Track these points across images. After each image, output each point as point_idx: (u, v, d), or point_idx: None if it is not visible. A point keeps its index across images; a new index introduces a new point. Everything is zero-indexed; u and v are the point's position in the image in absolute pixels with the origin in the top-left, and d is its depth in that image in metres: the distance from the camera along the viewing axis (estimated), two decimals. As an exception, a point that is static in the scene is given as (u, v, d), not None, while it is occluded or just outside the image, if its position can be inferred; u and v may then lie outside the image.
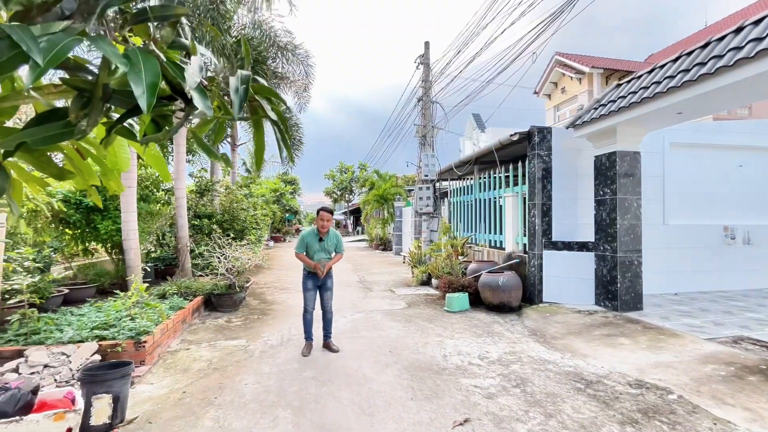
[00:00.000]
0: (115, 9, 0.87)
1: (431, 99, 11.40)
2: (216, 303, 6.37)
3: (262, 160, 1.22)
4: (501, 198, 7.69)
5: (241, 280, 6.69)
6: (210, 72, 1.05)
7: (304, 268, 4.49)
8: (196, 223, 9.03)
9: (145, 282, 5.70)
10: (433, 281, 8.17)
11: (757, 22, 3.69)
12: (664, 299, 6.36)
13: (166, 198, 8.64)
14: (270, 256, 14.74)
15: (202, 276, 7.58)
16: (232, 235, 8.57)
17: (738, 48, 3.71)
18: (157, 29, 0.92)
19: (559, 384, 3.45)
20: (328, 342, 4.50)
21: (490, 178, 8.20)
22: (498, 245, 7.87)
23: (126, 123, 1.10)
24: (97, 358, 3.67)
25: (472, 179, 9.54)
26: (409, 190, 17.64)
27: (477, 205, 8.94)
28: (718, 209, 7.18)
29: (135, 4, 0.91)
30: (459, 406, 3.09)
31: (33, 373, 3.36)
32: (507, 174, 7.53)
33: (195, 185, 10.36)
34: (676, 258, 6.86)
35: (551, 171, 6.44)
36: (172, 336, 4.73)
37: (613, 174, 5.73)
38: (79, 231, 6.84)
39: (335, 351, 4.38)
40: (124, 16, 0.90)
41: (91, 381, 2.76)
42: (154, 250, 8.63)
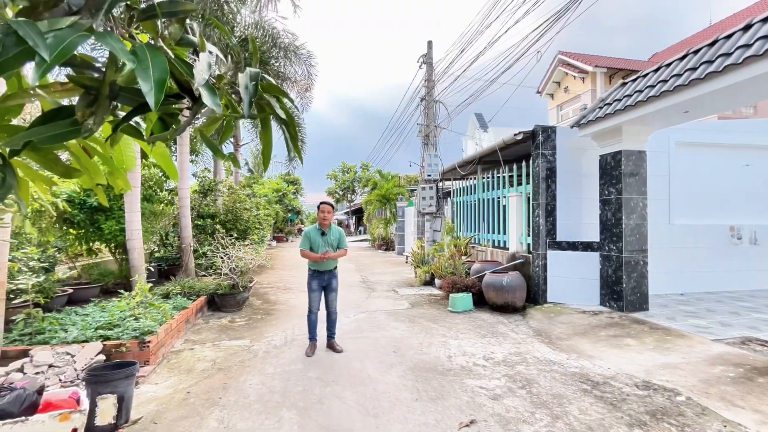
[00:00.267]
0: (122, 5, 0.85)
1: (434, 98, 11.37)
2: (219, 303, 6.37)
3: (269, 159, 1.21)
4: (504, 198, 7.65)
5: (244, 280, 6.69)
6: (217, 70, 1.04)
7: (309, 269, 4.45)
8: (199, 223, 9.04)
9: (148, 282, 5.70)
10: (437, 281, 8.14)
11: (766, 19, 3.65)
12: (669, 299, 6.31)
13: (170, 198, 8.65)
14: (273, 256, 14.75)
15: (205, 276, 7.59)
16: (235, 235, 8.57)
17: (747, 45, 3.67)
18: (165, 26, 0.91)
19: (566, 385, 3.42)
20: (332, 342, 4.49)
21: (493, 177, 8.16)
22: (501, 245, 7.84)
23: (132, 121, 1.08)
24: (102, 358, 3.67)
25: (475, 179, 9.50)
26: (412, 190, 17.61)
27: (480, 205, 8.90)
28: (725, 209, 7.12)
29: (143, 1, 0.90)
30: (464, 407, 3.07)
31: (38, 373, 3.36)
32: (510, 174, 7.49)
33: (198, 185, 10.38)
34: (682, 258, 6.81)
35: (555, 170, 6.40)
36: (176, 336, 4.73)
37: (618, 173, 5.68)
38: (83, 231, 6.86)
39: (339, 351, 4.36)
40: (132, 13, 0.89)
41: (96, 381, 2.76)
42: (157, 250, 8.64)
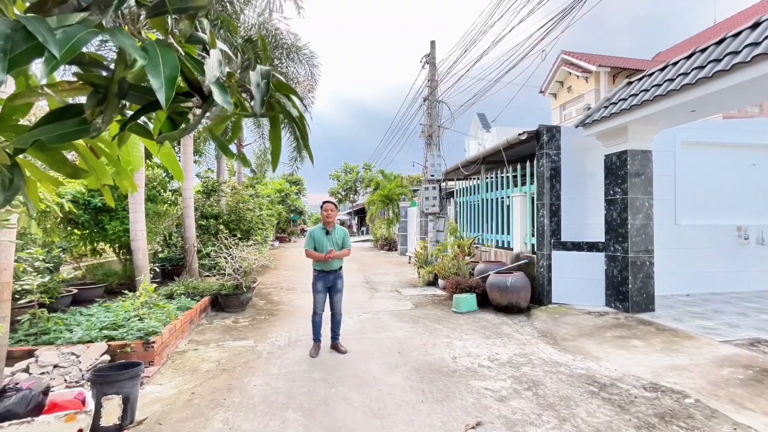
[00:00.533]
0: (132, 1, 0.84)
1: (437, 98, 11.34)
2: (223, 303, 6.37)
3: (278, 159, 1.19)
4: (508, 198, 7.62)
5: (248, 280, 6.69)
6: (227, 68, 1.02)
7: (314, 269, 4.42)
8: (203, 223, 9.05)
9: (152, 282, 5.71)
10: (440, 282, 8.11)
11: (775, 17, 3.61)
12: (675, 300, 6.26)
13: (173, 198, 8.66)
14: (275, 257, 14.76)
15: (209, 276, 7.60)
16: (238, 235, 8.58)
17: (755, 44, 3.63)
18: (175, 23, 0.90)
19: (572, 387, 3.39)
20: (336, 343, 4.47)
21: (497, 177, 8.13)
22: (505, 246, 7.80)
23: (140, 121, 1.07)
24: (107, 358, 3.67)
25: (478, 179, 9.46)
26: (415, 190, 17.57)
27: (484, 205, 8.86)
28: (731, 209, 7.05)
29: (152, -3, 0.88)
30: (470, 408, 3.05)
31: (43, 373, 3.36)
32: (514, 174, 7.46)
33: (202, 186, 10.40)
34: (688, 258, 6.75)
35: (560, 170, 6.37)
36: (180, 336, 4.72)
37: (624, 173, 5.64)
38: (87, 231, 6.88)
39: (343, 352, 4.34)
40: (141, 9, 0.87)
41: (101, 382, 2.75)
42: (161, 250, 8.66)
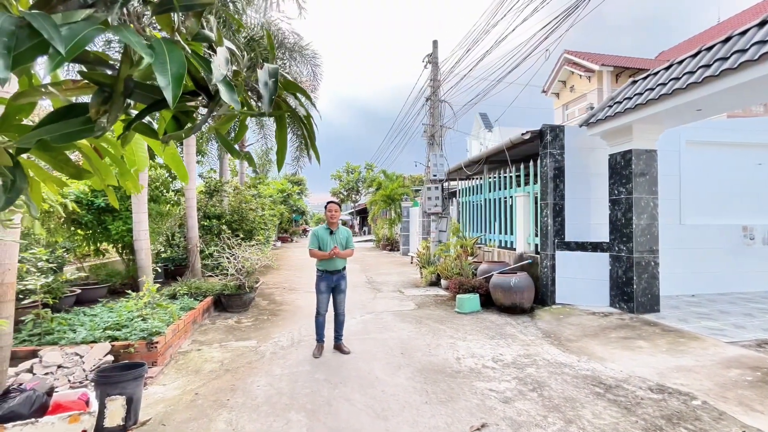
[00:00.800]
0: (137, -2, 0.83)
1: (440, 98, 11.31)
2: (226, 303, 6.37)
3: (284, 158, 1.17)
4: (511, 198, 7.59)
5: (250, 280, 6.68)
6: (233, 66, 1.01)
7: (317, 270, 4.39)
8: (205, 223, 9.05)
9: (155, 282, 5.71)
10: (443, 282, 8.09)
11: (783, 15, 3.58)
12: (681, 301, 6.22)
13: (176, 199, 8.67)
14: (278, 257, 14.77)
15: (211, 276, 7.59)
16: (241, 235, 8.58)
17: (762, 42, 3.59)
18: (182, 20, 0.88)
19: (577, 388, 3.37)
20: (339, 344, 4.46)
21: (500, 177, 8.10)
22: (509, 246, 7.77)
23: (145, 120, 1.06)
24: (110, 358, 3.66)
25: (481, 179, 9.43)
26: (417, 190, 17.55)
27: (487, 205, 8.83)
28: (737, 208, 7.00)
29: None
30: (475, 410, 3.03)
31: (47, 374, 3.36)
32: (518, 173, 7.43)
33: (204, 186, 10.41)
34: (693, 259, 6.70)
35: (564, 170, 6.33)
36: (183, 337, 4.72)
37: (628, 173, 5.61)
38: (90, 231, 6.88)
39: (346, 353, 4.33)
40: (146, 7, 0.86)
41: (105, 382, 2.75)
42: (164, 250, 8.66)
